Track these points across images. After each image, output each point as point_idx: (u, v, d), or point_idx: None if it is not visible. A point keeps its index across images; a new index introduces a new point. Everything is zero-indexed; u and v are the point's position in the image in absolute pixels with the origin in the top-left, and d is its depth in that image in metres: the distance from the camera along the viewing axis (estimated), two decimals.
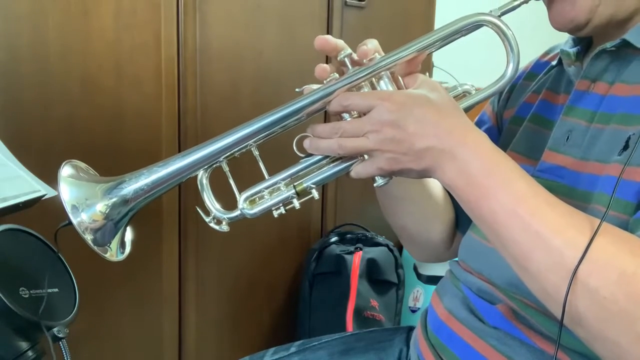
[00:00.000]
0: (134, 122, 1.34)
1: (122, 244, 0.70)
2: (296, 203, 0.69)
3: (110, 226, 0.68)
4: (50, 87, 1.24)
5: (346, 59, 0.69)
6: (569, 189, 0.68)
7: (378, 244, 1.70)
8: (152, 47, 1.34)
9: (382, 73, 0.68)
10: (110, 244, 0.69)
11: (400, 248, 1.87)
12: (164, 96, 1.37)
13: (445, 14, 1.86)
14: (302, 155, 0.70)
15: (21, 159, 0.89)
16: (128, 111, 1.33)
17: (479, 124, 0.91)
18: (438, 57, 0.76)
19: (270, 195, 0.69)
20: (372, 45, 0.70)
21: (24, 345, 0.73)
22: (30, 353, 0.73)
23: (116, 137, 1.33)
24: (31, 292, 0.75)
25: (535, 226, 0.56)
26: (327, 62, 0.73)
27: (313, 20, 1.59)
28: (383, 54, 0.71)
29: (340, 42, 0.71)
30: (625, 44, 0.67)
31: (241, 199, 0.69)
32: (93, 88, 1.28)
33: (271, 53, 1.52)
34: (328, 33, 1.60)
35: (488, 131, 0.88)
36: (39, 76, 1.22)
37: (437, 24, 1.83)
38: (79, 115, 1.28)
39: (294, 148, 0.69)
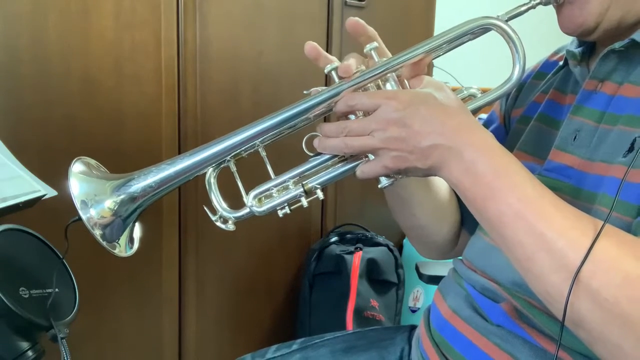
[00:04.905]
0: (134, 122, 1.34)
1: (131, 240, 0.71)
2: (304, 201, 0.69)
3: (119, 222, 0.69)
4: (50, 87, 1.24)
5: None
6: (574, 189, 0.68)
7: (378, 244, 1.70)
8: (152, 47, 1.34)
9: (388, 75, 0.69)
10: (119, 239, 0.69)
11: (400, 248, 1.87)
12: (164, 96, 1.37)
13: (445, 14, 1.87)
14: (311, 154, 0.70)
15: (21, 159, 0.89)
16: (128, 111, 1.33)
17: (487, 123, 0.92)
18: (438, 57, 0.76)
19: (278, 194, 0.70)
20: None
21: (24, 345, 0.73)
22: (30, 353, 0.73)
23: (116, 137, 1.33)
24: (31, 292, 0.75)
25: (539, 228, 0.56)
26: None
27: (313, 20, 1.59)
28: (389, 55, 0.71)
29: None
30: (634, 44, 0.67)
31: (250, 196, 0.70)
32: (93, 88, 1.28)
33: (271, 53, 1.52)
34: (328, 33, 1.60)
35: (495, 130, 0.89)
36: (39, 76, 1.22)
37: (437, 24, 1.84)
38: (79, 115, 1.28)
39: (304, 147, 0.70)
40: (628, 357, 0.52)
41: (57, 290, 0.77)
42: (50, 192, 0.86)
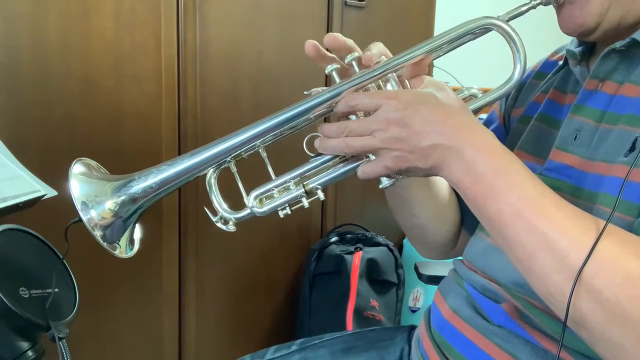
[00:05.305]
0: (134, 122, 1.34)
1: (131, 241, 0.71)
2: (305, 202, 0.69)
3: (119, 223, 0.69)
4: (50, 87, 1.24)
5: (354, 62, 0.69)
6: (575, 189, 0.68)
7: (378, 244, 1.70)
8: (152, 47, 1.34)
9: (389, 75, 0.69)
10: (119, 241, 0.69)
11: (400, 248, 1.87)
12: (164, 96, 1.37)
13: (445, 14, 1.86)
14: (311, 154, 0.70)
15: (21, 159, 0.89)
16: (128, 111, 1.33)
17: (487, 123, 0.92)
18: (438, 57, 0.76)
19: (279, 194, 0.70)
20: (376, 49, 0.70)
21: (24, 345, 0.73)
22: (30, 353, 0.73)
23: (116, 137, 1.33)
24: (31, 292, 0.75)
25: (541, 227, 0.56)
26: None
27: (313, 20, 1.59)
28: (391, 55, 0.71)
29: (350, 42, 0.71)
30: (635, 44, 0.67)
31: (251, 197, 0.70)
32: (93, 88, 1.28)
33: (271, 53, 1.52)
34: (328, 33, 1.60)
35: (495, 130, 0.89)
36: (39, 76, 1.22)
37: (437, 24, 1.83)
38: (79, 115, 1.28)
39: (304, 147, 0.69)
40: (629, 356, 0.52)
41: (57, 290, 0.77)
42: (50, 192, 0.86)
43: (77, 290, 0.81)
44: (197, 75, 1.42)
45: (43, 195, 0.85)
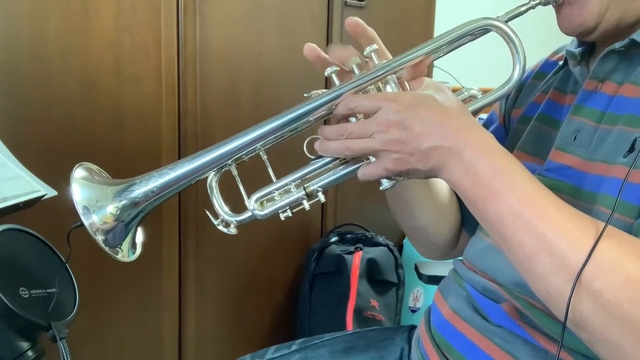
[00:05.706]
0: (133, 123, 1.34)
1: (133, 245, 0.71)
2: (306, 204, 0.69)
3: (121, 228, 0.69)
4: (50, 87, 1.24)
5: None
6: (574, 189, 0.68)
7: (378, 244, 1.71)
8: (152, 47, 1.34)
9: (389, 77, 0.69)
10: (121, 245, 0.69)
11: (400, 248, 1.87)
12: (164, 96, 1.37)
13: (445, 15, 1.87)
14: (312, 157, 0.70)
15: (21, 159, 0.89)
16: (128, 111, 1.33)
17: (487, 123, 0.92)
18: (438, 58, 0.76)
19: (280, 197, 0.70)
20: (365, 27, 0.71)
21: (24, 345, 0.73)
22: (30, 353, 0.73)
23: (116, 137, 1.33)
24: (31, 292, 0.75)
25: (540, 229, 0.56)
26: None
27: (313, 21, 1.59)
28: (390, 56, 0.71)
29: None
30: (634, 44, 0.67)
31: (252, 200, 0.70)
32: (93, 88, 1.28)
33: (271, 53, 1.52)
34: (328, 33, 1.61)
35: (495, 130, 0.89)
36: (39, 76, 1.22)
37: (437, 24, 1.84)
38: (79, 116, 1.28)
39: (305, 150, 0.69)
40: (629, 357, 0.52)
41: (57, 290, 0.77)
42: (50, 192, 0.86)
43: (77, 290, 0.81)
44: (197, 76, 1.42)
45: (43, 195, 0.85)
